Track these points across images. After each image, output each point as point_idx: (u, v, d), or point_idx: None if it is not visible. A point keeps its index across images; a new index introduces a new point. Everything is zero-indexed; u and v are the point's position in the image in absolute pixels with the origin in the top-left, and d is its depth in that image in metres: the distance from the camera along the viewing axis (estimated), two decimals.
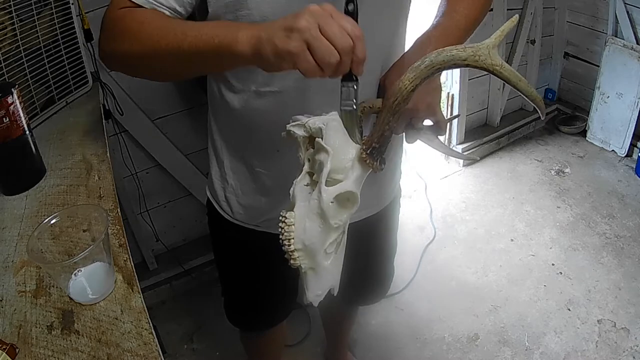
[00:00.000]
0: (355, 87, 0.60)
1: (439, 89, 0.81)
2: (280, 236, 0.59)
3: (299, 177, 0.61)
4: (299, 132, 0.61)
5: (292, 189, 0.61)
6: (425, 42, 0.78)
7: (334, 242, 0.60)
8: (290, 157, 0.86)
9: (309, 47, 0.55)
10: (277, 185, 0.92)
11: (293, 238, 0.57)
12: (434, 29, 0.80)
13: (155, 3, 0.72)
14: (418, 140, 0.85)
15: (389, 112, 0.57)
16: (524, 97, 0.56)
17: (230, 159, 0.94)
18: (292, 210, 0.59)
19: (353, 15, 0.62)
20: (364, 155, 0.59)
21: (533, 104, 0.58)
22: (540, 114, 0.60)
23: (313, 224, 0.57)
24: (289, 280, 1.17)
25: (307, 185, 0.61)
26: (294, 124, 0.62)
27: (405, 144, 1.04)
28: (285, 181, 0.90)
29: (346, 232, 0.62)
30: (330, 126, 0.60)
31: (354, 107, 0.61)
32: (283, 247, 0.60)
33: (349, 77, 0.59)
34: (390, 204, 1.09)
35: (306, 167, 0.61)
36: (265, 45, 0.58)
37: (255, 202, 0.95)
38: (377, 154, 0.59)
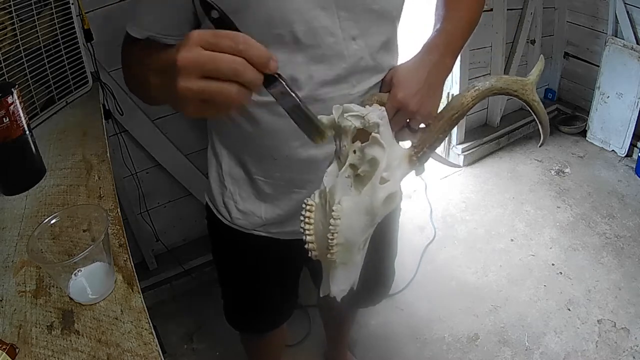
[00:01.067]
0: (281, 81, 0.53)
1: (440, 96, 0.82)
2: (303, 225, 0.58)
3: (341, 169, 0.60)
4: (356, 123, 0.60)
5: (325, 177, 0.61)
6: (433, 48, 0.80)
7: (367, 238, 0.61)
8: (288, 164, 0.87)
9: (208, 74, 0.48)
10: (275, 191, 0.92)
11: (337, 232, 0.56)
12: (439, 35, 0.81)
13: (148, 34, 0.75)
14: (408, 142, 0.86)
15: (447, 122, 0.59)
16: (540, 128, 0.65)
17: (229, 164, 0.94)
18: (327, 200, 0.58)
19: (222, 20, 0.53)
20: (415, 158, 0.60)
21: (542, 134, 0.66)
22: (541, 142, 0.68)
23: (360, 221, 0.57)
24: (289, 283, 1.17)
25: (348, 177, 0.60)
26: (352, 114, 0.60)
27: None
28: (284, 188, 0.91)
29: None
30: (385, 122, 0.60)
31: (297, 100, 0.54)
32: (307, 238, 0.58)
33: (269, 79, 0.52)
34: None
35: (351, 159, 0.60)
36: (164, 89, 0.52)
37: (254, 207, 0.95)
38: (425, 158, 0.61)
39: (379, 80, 0.84)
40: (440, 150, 2.72)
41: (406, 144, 0.65)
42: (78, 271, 0.74)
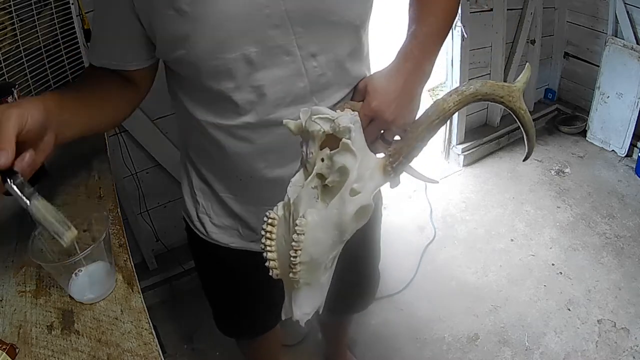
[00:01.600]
0: (15, 180, 0.52)
1: (418, 105, 0.75)
2: (264, 241, 0.53)
3: (307, 179, 0.55)
4: (325, 126, 0.54)
5: (290, 187, 0.56)
6: (409, 55, 0.73)
7: (334, 256, 0.55)
8: (254, 184, 0.83)
9: None
10: (246, 210, 0.89)
11: (301, 250, 0.51)
12: (414, 39, 0.74)
13: (103, 62, 0.76)
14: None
15: (426, 129, 0.54)
16: (526, 139, 0.60)
17: (197, 179, 0.91)
18: (291, 213, 0.53)
19: None
20: (390, 168, 0.54)
21: (527, 146, 0.61)
22: (526, 154, 0.63)
23: (327, 237, 0.52)
24: (274, 291, 1.16)
25: (314, 188, 0.55)
26: (320, 116, 0.55)
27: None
28: (253, 207, 0.88)
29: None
30: (357, 128, 0.55)
31: (27, 202, 0.54)
32: (267, 255, 0.53)
33: (4, 174, 0.52)
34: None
35: (318, 168, 0.55)
36: None
37: (229, 222, 0.92)
38: (400, 169, 0.55)
39: (345, 94, 0.79)
40: (439, 150, 2.72)
41: (380, 155, 0.60)
42: (79, 271, 0.74)
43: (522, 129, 0.59)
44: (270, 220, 0.54)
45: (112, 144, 1.56)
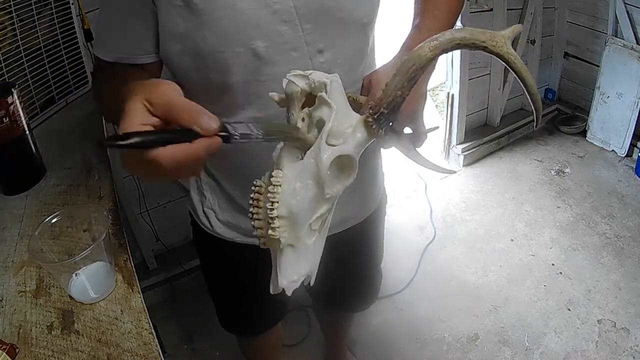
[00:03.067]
0: (232, 130, 0.49)
1: (425, 96, 0.76)
2: (251, 209, 0.51)
3: (287, 140, 0.53)
4: (300, 83, 0.53)
5: (275, 154, 0.54)
6: (412, 46, 0.70)
7: (321, 217, 0.52)
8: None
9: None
10: None
11: (278, 201, 0.47)
12: (418, 31, 0.75)
13: (115, 55, 0.73)
14: (394, 148, 0.79)
15: (404, 76, 0.51)
16: (527, 95, 0.55)
17: (205, 175, 0.92)
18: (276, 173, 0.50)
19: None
20: (370, 120, 0.51)
21: (532, 105, 0.57)
22: (535, 118, 0.58)
23: (305, 189, 0.49)
24: None
25: (297, 148, 0.53)
26: (294, 73, 0.54)
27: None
28: None
29: (332, 212, 0.54)
30: (335, 84, 0.53)
31: (258, 131, 0.51)
32: (253, 222, 0.50)
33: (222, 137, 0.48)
34: (374, 212, 1.05)
35: (300, 128, 0.53)
36: None
37: (233, 219, 0.92)
38: (384, 122, 0.52)
39: (352, 91, 0.77)
40: (440, 150, 2.72)
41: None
42: (79, 271, 0.74)
43: (517, 78, 0.53)
44: (256, 188, 0.51)
45: None
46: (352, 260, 1.13)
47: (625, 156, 2.58)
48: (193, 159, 0.44)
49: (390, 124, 0.54)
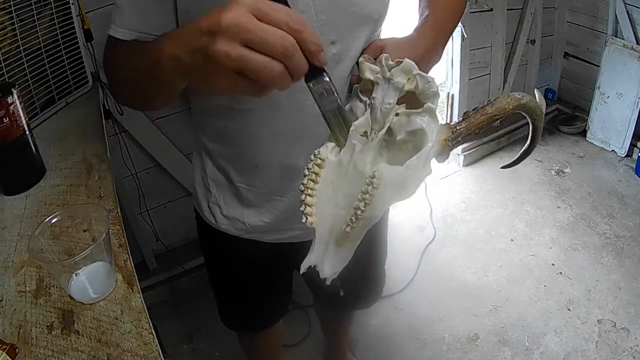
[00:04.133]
0: (328, 78, 0.49)
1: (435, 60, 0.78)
2: (306, 182, 0.49)
3: (377, 131, 0.52)
4: (420, 83, 0.53)
5: (352, 131, 0.51)
6: (426, 32, 0.76)
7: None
8: (269, 172, 0.85)
9: (252, 45, 0.44)
10: (257, 199, 0.90)
11: (370, 204, 0.47)
12: (429, 21, 0.78)
13: (135, 33, 0.71)
14: None
15: (487, 120, 0.54)
16: (522, 151, 0.64)
17: (212, 169, 0.92)
18: (351, 159, 0.49)
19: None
20: (449, 144, 0.53)
21: (519, 155, 0.64)
22: (511, 162, 0.66)
23: (392, 197, 0.49)
24: (280, 284, 1.16)
25: (380, 141, 0.52)
26: (417, 72, 0.53)
27: None
28: (265, 196, 0.89)
29: None
30: (438, 97, 0.55)
31: (339, 101, 0.50)
32: (306, 198, 0.49)
33: (314, 72, 0.48)
34: None
35: (391, 121, 0.52)
36: (191, 56, 0.47)
37: (238, 213, 0.93)
38: (455, 147, 0.55)
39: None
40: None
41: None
42: (79, 271, 0.74)
43: (528, 144, 0.61)
44: (318, 162, 0.50)
45: (112, 144, 1.56)
46: (357, 258, 1.13)
47: (625, 156, 2.58)
48: (312, 36, 0.45)
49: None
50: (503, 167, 0.72)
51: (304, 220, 0.50)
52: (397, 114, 0.53)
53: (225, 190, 0.92)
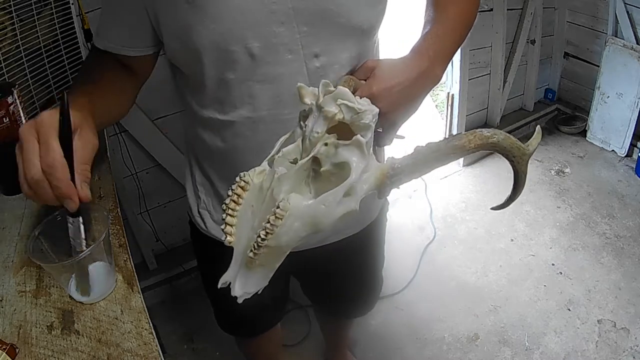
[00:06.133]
0: (77, 223, 0.54)
1: (417, 109, 0.71)
2: (228, 202, 0.50)
3: (303, 160, 0.50)
4: (346, 115, 0.50)
5: (279, 157, 0.51)
6: (423, 53, 0.68)
7: (298, 245, 0.52)
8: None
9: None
10: None
11: (273, 234, 0.47)
12: (429, 40, 0.70)
13: (109, 45, 0.75)
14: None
15: (438, 157, 0.51)
16: (506, 199, 0.62)
17: (200, 175, 0.92)
18: (270, 185, 0.48)
19: (63, 125, 0.60)
20: (388, 181, 0.51)
21: (504, 201, 0.63)
22: (498, 205, 0.64)
23: (302, 229, 0.48)
24: (274, 290, 1.16)
25: (305, 170, 0.51)
26: (347, 103, 0.50)
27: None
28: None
29: None
30: (373, 127, 0.51)
31: (83, 247, 0.57)
32: (227, 218, 0.49)
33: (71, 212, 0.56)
34: (374, 221, 1.03)
35: (317, 151, 0.50)
36: None
37: None
38: (397, 184, 0.52)
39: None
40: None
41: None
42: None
43: (512, 190, 0.58)
44: (242, 184, 0.50)
45: (112, 144, 1.57)
46: (350, 268, 1.12)
47: (625, 156, 2.58)
48: (59, 181, 0.57)
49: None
50: (493, 209, 0.67)
51: (223, 239, 0.52)
52: (326, 144, 0.50)
53: (213, 196, 0.91)
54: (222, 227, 0.51)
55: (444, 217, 2.34)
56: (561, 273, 2.01)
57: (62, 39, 1.22)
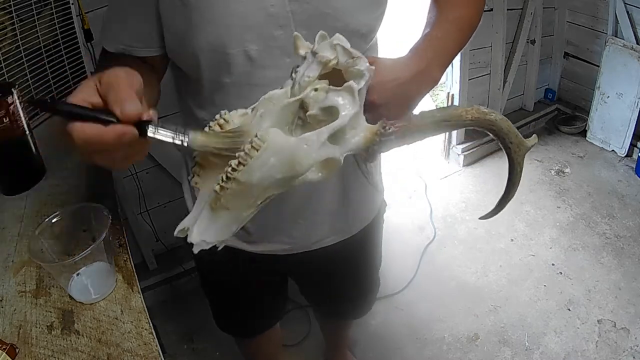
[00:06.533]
0: (154, 131, 0.47)
1: (413, 109, 0.70)
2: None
3: (288, 100, 0.48)
4: (341, 57, 0.48)
5: (263, 98, 0.49)
6: (421, 54, 0.68)
7: (270, 197, 0.47)
8: None
9: None
10: None
11: (245, 166, 0.42)
12: (427, 42, 0.70)
13: (120, 47, 0.73)
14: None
15: (433, 124, 0.50)
16: (501, 197, 0.61)
17: None
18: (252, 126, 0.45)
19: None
20: (377, 139, 0.48)
21: (499, 202, 0.62)
22: (491, 211, 0.63)
23: (278, 167, 0.43)
24: (273, 291, 1.16)
25: (291, 114, 0.48)
26: (342, 44, 0.49)
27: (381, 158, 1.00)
28: None
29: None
30: (368, 79, 0.50)
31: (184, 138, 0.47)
32: (198, 155, 0.46)
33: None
34: (371, 222, 1.02)
35: (306, 95, 0.48)
36: None
37: None
38: (386, 145, 0.50)
39: None
40: (439, 150, 2.72)
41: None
42: (79, 271, 0.74)
43: (507, 183, 0.57)
44: (221, 122, 0.47)
45: None
46: (348, 270, 1.12)
47: (625, 156, 2.58)
48: (101, 141, 0.43)
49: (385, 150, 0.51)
50: (481, 218, 0.65)
51: (189, 177, 0.48)
52: (316, 89, 0.48)
53: None
54: (192, 166, 0.47)
55: (444, 217, 2.34)
56: (561, 273, 2.01)
57: (62, 39, 1.22)
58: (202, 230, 0.46)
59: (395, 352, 1.76)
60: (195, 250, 0.48)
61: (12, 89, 0.91)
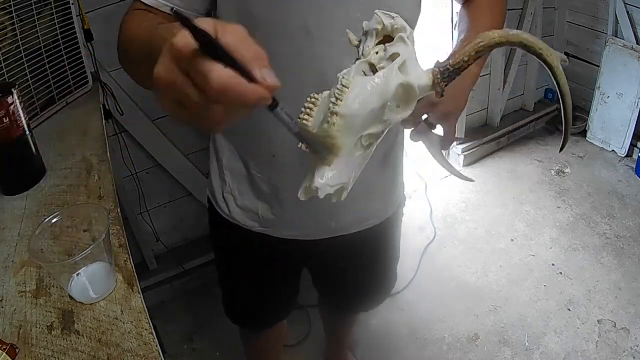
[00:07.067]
0: (280, 109, 0.46)
1: (465, 102, 0.85)
2: (302, 115, 0.49)
3: (356, 63, 0.55)
4: (385, 21, 0.56)
5: (344, 72, 0.52)
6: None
7: (371, 136, 0.52)
8: (286, 164, 0.86)
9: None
10: (272, 191, 0.91)
11: (342, 100, 0.48)
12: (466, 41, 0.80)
13: (158, 2, 0.70)
14: (421, 142, 0.87)
15: (472, 48, 0.55)
16: (562, 110, 0.63)
17: (229, 158, 0.94)
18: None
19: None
20: (437, 70, 0.55)
21: (563, 120, 0.63)
22: (563, 136, 0.64)
23: (370, 100, 0.50)
24: (289, 280, 1.17)
25: (363, 71, 0.55)
26: (383, 11, 0.57)
27: (405, 146, 1.03)
28: (280, 189, 0.90)
29: (380, 140, 0.54)
30: (413, 36, 0.57)
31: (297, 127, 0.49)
32: (303, 121, 0.48)
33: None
34: (393, 214, 1.07)
35: (371, 57, 0.56)
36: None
37: (252, 205, 0.95)
38: (447, 78, 0.56)
39: None
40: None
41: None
42: (79, 271, 0.74)
43: (558, 92, 0.61)
44: (312, 100, 0.51)
45: (112, 144, 1.56)
46: (367, 261, 1.14)
47: (625, 156, 2.58)
48: (241, 96, 0.38)
49: (446, 84, 0.56)
50: (560, 150, 0.70)
51: (299, 145, 0.50)
52: (377, 52, 0.57)
53: (241, 180, 0.93)
54: (300, 116, 0.49)
55: (444, 217, 2.34)
56: (561, 273, 2.01)
57: (62, 39, 1.22)
58: (320, 175, 0.50)
59: (395, 352, 1.76)
60: (321, 195, 0.49)
61: (12, 89, 0.91)
